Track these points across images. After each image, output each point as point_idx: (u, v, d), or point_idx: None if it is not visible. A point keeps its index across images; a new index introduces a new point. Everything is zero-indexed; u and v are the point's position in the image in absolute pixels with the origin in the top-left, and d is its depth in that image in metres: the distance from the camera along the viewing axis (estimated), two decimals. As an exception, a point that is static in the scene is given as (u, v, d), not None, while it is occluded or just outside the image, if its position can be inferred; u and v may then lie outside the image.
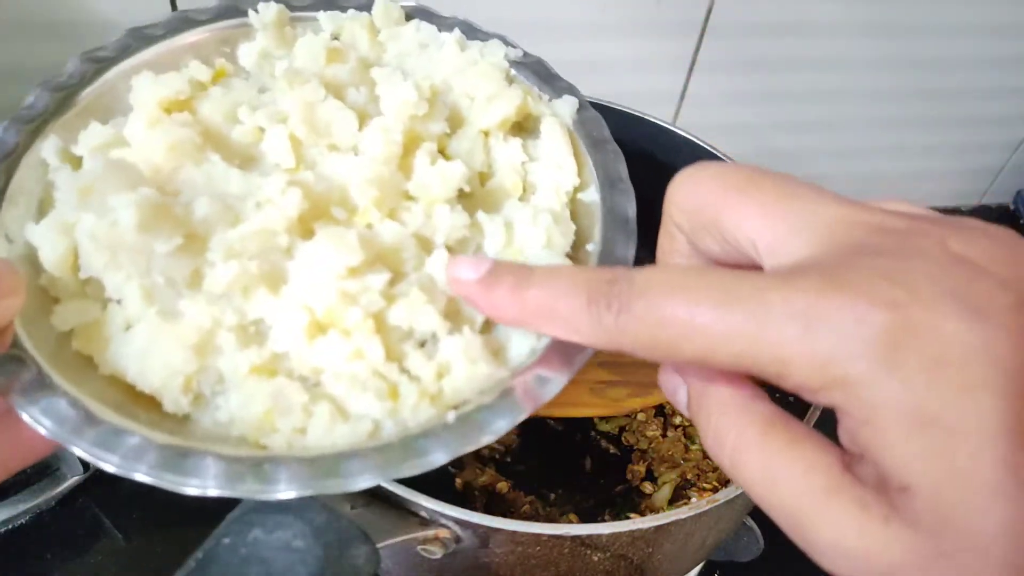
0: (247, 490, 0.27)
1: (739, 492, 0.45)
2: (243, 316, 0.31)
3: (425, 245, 0.34)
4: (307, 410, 0.30)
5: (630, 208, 0.38)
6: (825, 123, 0.97)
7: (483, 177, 0.39)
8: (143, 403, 0.30)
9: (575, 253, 0.36)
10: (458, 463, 0.61)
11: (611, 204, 0.38)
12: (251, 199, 0.32)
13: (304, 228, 0.32)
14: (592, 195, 0.38)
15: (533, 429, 0.64)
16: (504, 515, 0.57)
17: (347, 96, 0.37)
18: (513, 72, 0.41)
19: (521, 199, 0.38)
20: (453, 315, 0.32)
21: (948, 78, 0.95)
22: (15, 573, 0.58)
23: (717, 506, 0.44)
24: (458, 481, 0.58)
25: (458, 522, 0.41)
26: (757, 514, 0.61)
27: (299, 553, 0.35)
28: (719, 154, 0.67)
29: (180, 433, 0.30)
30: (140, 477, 0.27)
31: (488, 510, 0.57)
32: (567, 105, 0.40)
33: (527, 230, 0.35)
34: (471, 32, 0.42)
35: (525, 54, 0.42)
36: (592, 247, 0.36)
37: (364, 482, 0.28)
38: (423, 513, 0.41)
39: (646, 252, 0.86)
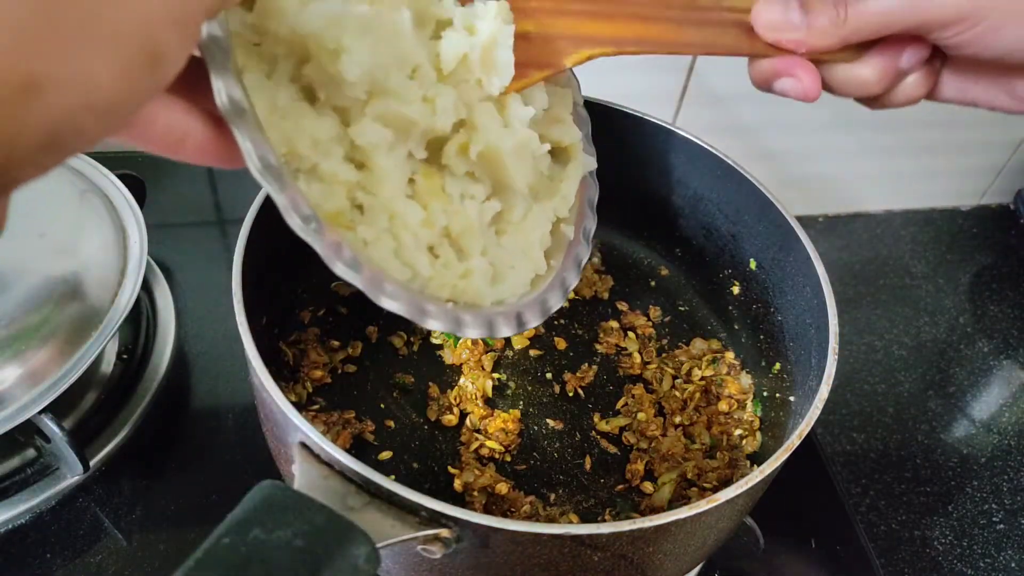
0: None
1: (739, 492, 0.45)
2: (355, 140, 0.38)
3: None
4: (372, 239, 0.38)
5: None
6: (825, 123, 0.96)
7: None
8: None
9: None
10: (458, 464, 0.61)
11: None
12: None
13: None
14: None
15: (533, 429, 0.64)
16: (504, 515, 0.57)
17: None
18: None
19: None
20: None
21: (948, 78, 0.95)
22: (15, 573, 0.58)
23: (717, 506, 0.44)
24: (457, 482, 0.59)
25: (458, 522, 0.41)
26: (757, 514, 0.61)
27: (299, 553, 0.35)
28: (719, 154, 0.67)
29: None
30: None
31: (488, 510, 0.57)
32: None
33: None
34: None
35: None
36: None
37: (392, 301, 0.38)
38: (423, 513, 0.41)
39: (649, 250, 0.86)
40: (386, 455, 0.61)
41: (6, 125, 0.22)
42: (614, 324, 0.72)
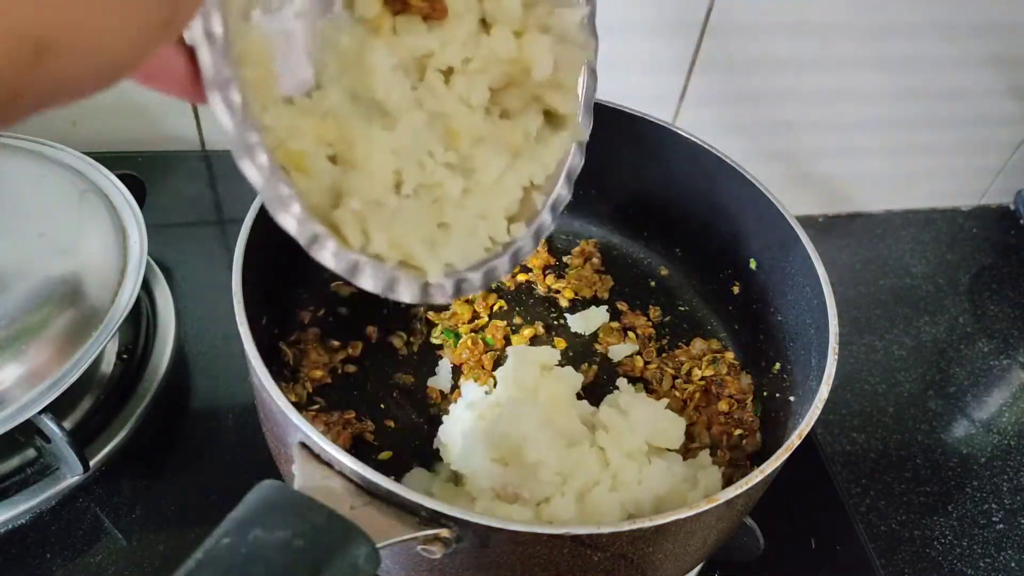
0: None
1: (739, 492, 0.45)
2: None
3: None
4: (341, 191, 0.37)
5: None
6: (825, 123, 0.96)
7: None
8: None
9: None
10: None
11: None
12: None
13: None
14: None
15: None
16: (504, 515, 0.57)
17: None
18: None
19: None
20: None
21: (948, 78, 0.95)
22: (15, 573, 0.58)
23: (717, 506, 0.44)
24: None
25: (458, 522, 0.41)
26: (757, 514, 0.61)
27: (299, 553, 0.35)
28: (719, 154, 0.67)
29: None
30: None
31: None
32: None
33: None
34: None
35: None
36: None
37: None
38: (423, 513, 0.41)
39: (649, 250, 0.85)
40: (386, 455, 0.61)
41: (13, 83, 0.22)
42: (614, 324, 0.72)
